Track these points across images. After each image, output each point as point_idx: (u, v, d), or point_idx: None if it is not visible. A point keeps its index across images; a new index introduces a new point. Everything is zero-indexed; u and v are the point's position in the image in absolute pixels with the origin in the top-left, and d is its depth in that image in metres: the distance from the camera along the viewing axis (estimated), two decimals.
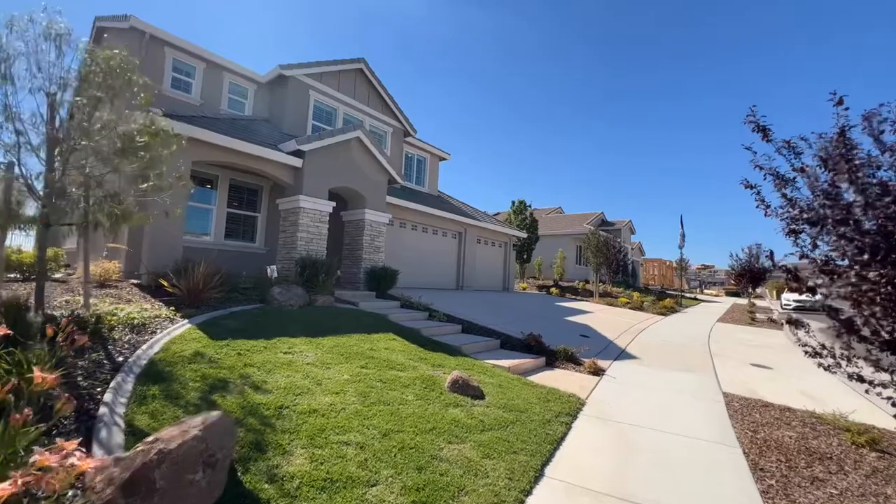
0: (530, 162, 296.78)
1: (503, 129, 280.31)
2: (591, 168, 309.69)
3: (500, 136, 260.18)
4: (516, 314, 10.96)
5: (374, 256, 10.76)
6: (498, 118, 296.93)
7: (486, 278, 17.88)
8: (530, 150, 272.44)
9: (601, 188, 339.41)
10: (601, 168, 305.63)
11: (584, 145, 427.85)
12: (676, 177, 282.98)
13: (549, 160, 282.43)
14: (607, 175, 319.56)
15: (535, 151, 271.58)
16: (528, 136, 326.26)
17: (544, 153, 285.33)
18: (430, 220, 14.54)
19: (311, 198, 9.15)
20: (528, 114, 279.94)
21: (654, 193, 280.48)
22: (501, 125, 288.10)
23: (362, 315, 7.33)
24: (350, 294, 9.29)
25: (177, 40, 10.13)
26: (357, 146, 10.26)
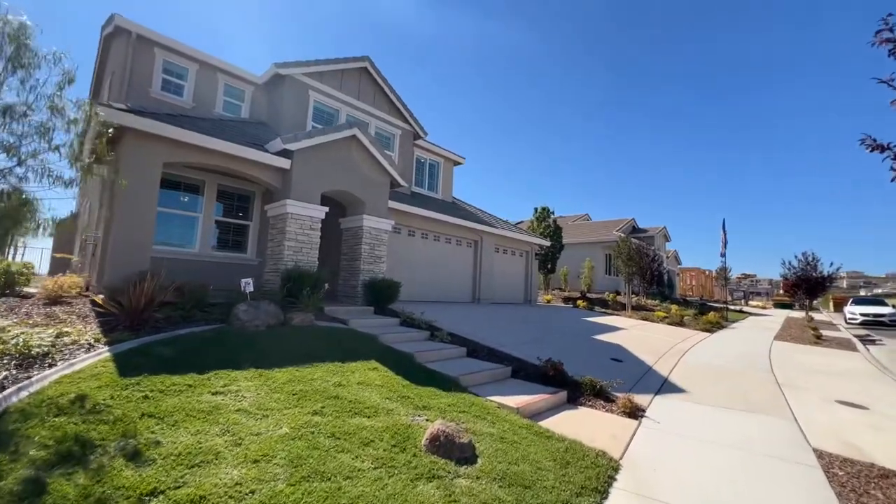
0: (554, 171, 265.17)
1: (526, 137, 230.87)
2: (620, 177, 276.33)
3: (523, 145, 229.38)
4: (536, 332, 9.57)
5: (375, 267, 9.69)
6: (519, 125, 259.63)
7: (506, 290, 16.50)
8: (553, 158, 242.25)
9: (629, 196, 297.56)
10: (630, 177, 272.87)
11: (616, 153, 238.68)
12: (709, 182, 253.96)
13: (574, 169, 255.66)
14: (636, 182, 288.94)
15: (559, 160, 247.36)
16: (551, 143, 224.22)
17: (570, 162, 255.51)
18: (442, 227, 13.41)
19: (299, 202, 8.21)
20: (554, 123, 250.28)
21: (687, 198, 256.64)
22: (524, 133, 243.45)
23: (346, 337, 6.21)
24: (344, 310, 8.22)
25: (167, 41, 9.59)
26: (354, 146, 9.31)
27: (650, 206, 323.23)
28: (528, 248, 17.80)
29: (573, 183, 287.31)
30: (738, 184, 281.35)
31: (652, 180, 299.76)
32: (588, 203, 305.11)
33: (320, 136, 8.50)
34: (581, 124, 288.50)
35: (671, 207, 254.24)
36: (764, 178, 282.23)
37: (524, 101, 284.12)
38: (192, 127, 7.25)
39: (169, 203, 8.54)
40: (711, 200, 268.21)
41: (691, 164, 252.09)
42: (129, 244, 6.70)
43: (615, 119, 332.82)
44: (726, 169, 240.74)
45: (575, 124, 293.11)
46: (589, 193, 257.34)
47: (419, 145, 15.12)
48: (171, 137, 6.89)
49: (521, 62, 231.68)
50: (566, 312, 15.15)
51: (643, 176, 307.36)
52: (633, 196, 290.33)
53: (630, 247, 18.91)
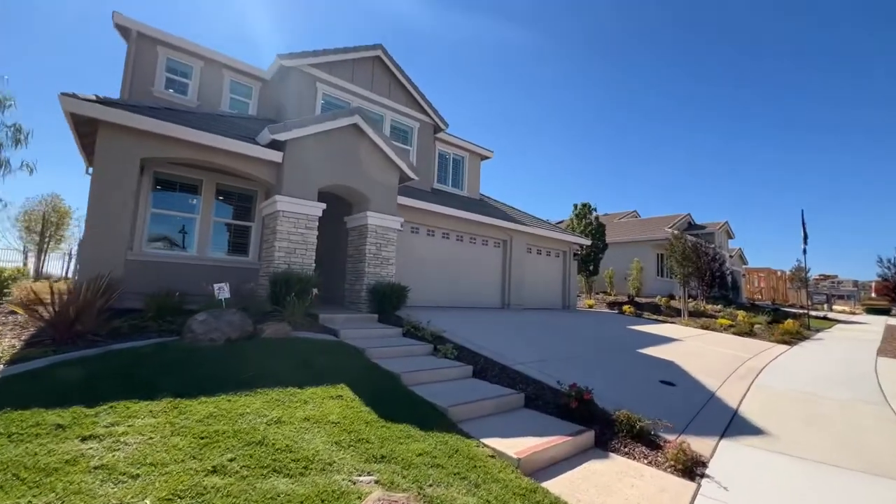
0: (601, 167, 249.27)
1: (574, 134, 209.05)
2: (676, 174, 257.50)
3: (569, 142, 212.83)
4: (568, 344, 8.11)
5: (382, 270, 8.72)
6: (558, 121, 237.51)
7: (540, 294, 14.97)
8: (603, 154, 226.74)
9: (688, 192, 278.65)
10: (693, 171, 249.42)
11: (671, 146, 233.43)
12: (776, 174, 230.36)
13: (623, 165, 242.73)
14: (695, 178, 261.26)
15: (608, 155, 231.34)
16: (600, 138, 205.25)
17: (619, 157, 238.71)
18: (466, 226, 12.24)
19: (292, 199, 7.42)
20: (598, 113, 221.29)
21: (750, 192, 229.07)
22: (571, 129, 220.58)
23: (325, 352, 5.22)
24: (343, 318, 7.31)
25: (170, 38, 9.29)
26: (354, 135, 8.42)
27: (710, 202, 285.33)
28: (565, 248, 16.14)
29: (624, 182, 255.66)
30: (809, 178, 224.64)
31: (713, 173, 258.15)
32: (638, 203, 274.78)
33: (315, 124, 7.68)
34: (632, 121, 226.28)
35: (734, 204, 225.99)
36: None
37: (570, 96, 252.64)
38: (174, 119, 6.67)
39: (164, 203, 8.11)
40: (782, 196, 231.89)
41: (756, 159, 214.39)
42: (100, 246, 6.16)
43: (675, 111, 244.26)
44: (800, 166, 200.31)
45: (623, 118, 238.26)
46: (641, 193, 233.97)
47: (441, 139, 14.09)
48: (147, 130, 6.33)
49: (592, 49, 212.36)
50: (609, 320, 13.35)
51: (702, 170, 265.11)
52: (691, 192, 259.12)
53: (685, 244, 16.61)
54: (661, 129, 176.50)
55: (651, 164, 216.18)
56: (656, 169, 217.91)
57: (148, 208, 7.81)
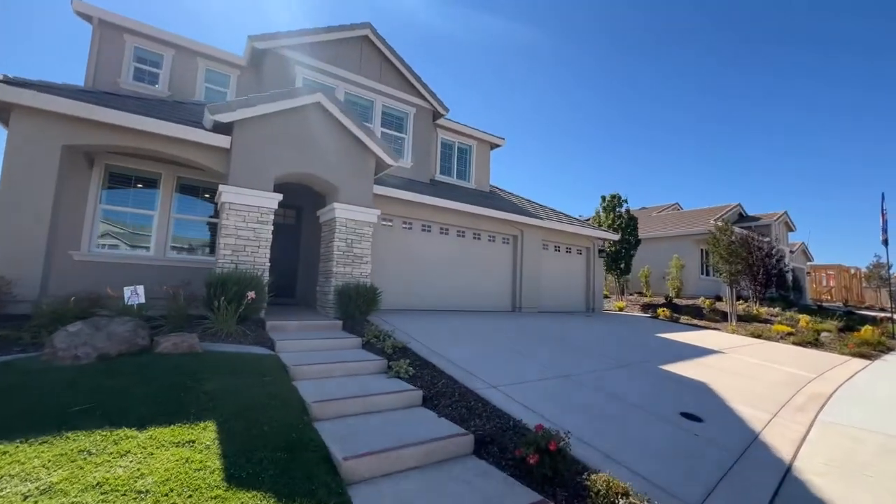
0: (637, 160, 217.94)
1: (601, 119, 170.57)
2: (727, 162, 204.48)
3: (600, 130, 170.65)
4: (572, 358, 6.63)
5: (354, 269, 7.64)
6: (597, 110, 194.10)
7: (559, 296, 13.36)
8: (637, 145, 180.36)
9: (742, 185, 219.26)
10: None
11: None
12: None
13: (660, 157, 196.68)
14: (748, 166, 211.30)
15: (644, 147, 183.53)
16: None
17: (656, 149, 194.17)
18: (467, 220, 10.96)
19: (239, 189, 6.51)
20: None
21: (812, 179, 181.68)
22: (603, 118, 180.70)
23: (227, 371, 4.15)
24: (296, 325, 6.30)
25: (137, 25, 8.75)
26: (318, 116, 7.39)
27: (768, 191, 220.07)
28: (588, 244, 14.39)
29: (672, 175, 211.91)
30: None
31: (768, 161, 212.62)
32: (683, 195, 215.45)
33: (267, 103, 6.72)
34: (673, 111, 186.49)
35: (798, 193, 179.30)
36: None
37: (612, 80, 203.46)
38: (102, 102, 5.94)
39: (118, 200, 7.48)
40: (853, 182, 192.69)
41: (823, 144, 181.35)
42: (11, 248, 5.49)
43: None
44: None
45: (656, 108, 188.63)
46: (690, 188, 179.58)
47: (444, 126, 12.89)
48: (68, 114, 5.61)
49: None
50: (637, 325, 11.53)
51: (757, 158, 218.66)
52: (746, 184, 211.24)
53: (731, 237, 14.31)
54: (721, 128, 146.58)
55: (703, 159, 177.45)
56: (706, 161, 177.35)
57: (98, 204, 7.21)
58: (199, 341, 4.87)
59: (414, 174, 11.44)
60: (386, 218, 9.82)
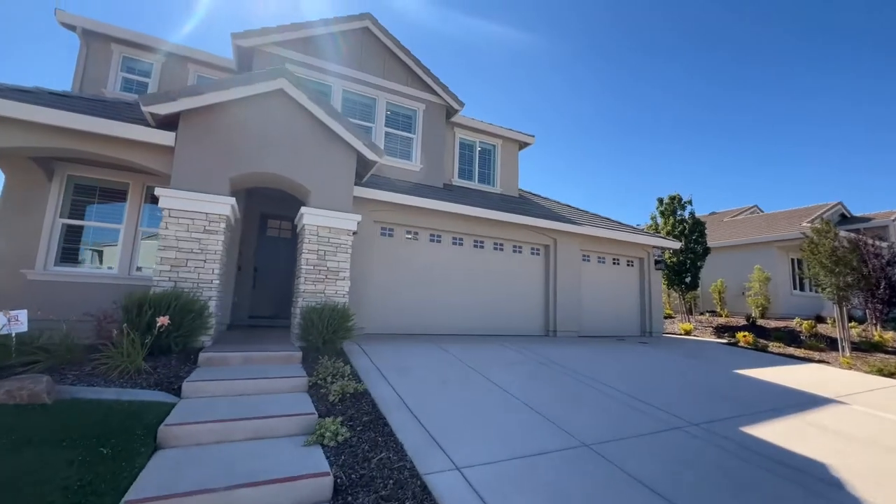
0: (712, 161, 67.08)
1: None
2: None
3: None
4: (604, 413, 4.64)
5: (328, 287, 6.27)
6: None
7: (605, 317, 11.09)
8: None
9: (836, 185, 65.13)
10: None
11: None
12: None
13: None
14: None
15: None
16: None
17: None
18: (486, 227, 9.32)
19: (181, 192, 5.46)
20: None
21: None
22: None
23: (31, 444, 2.87)
24: (240, 358, 5.00)
25: (123, 33, 8.38)
26: (283, 105, 6.26)
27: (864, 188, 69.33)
28: (641, 254, 11.99)
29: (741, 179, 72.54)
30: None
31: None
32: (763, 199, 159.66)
33: (217, 91, 5.68)
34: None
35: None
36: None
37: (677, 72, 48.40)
38: (21, 98, 5.22)
39: (80, 213, 6.84)
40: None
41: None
42: None
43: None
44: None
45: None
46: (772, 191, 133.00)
47: (463, 124, 11.45)
48: None
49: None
50: (710, 356, 8.94)
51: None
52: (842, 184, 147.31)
53: (836, 241, 11.12)
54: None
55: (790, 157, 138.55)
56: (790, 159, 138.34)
57: (57, 219, 6.59)
58: (72, 383, 3.71)
59: (424, 178, 10.05)
60: (385, 227, 8.48)
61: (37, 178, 6.45)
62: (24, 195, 6.39)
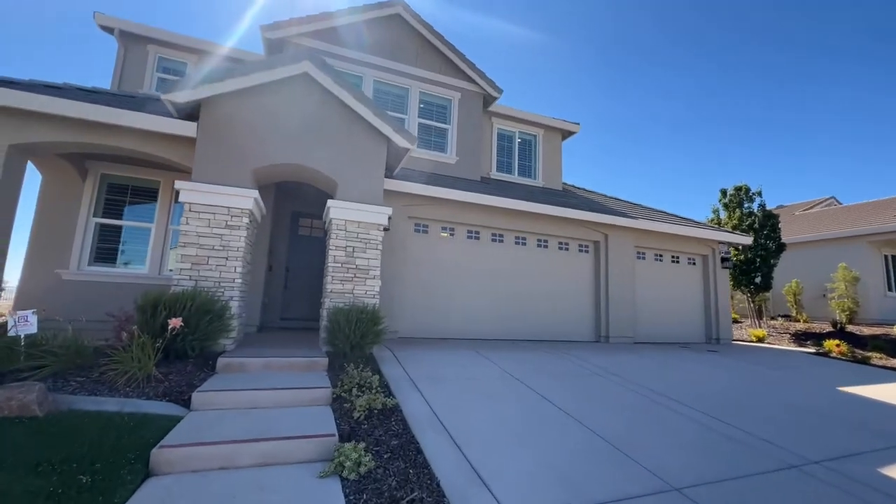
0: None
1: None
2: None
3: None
4: (680, 450, 3.74)
5: (357, 287, 5.74)
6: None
7: (663, 321, 9.91)
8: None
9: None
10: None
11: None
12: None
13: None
14: None
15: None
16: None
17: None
18: (528, 222, 8.52)
19: (202, 185, 5.12)
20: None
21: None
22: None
23: (3, 468, 2.46)
24: (261, 365, 4.55)
25: (158, 33, 8.38)
26: (307, 90, 5.81)
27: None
28: (705, 251, 10.67)
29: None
30: None
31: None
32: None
33: (237, 78, 5.31)
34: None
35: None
36: None
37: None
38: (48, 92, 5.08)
39: (111, 212, 6.76)
40: None
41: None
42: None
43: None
44: None
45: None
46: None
47: (501, 113, 10.70)
48: (6, 106, 4.79)
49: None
50: (798, 369, 7.58)
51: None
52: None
53: None
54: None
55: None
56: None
57: (90, 218, 6.52)
58: (73, 391, 3.35)
59: (460, 171, 9.40)
60: (418, 223, 7.89)
61: (71, 178, 6.41)
62: (60, 195, 6.36)
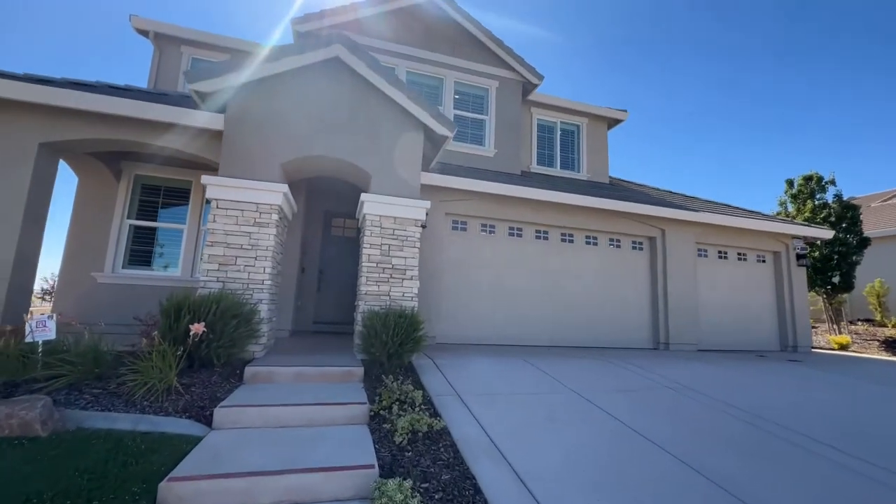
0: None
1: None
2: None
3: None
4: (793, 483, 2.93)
5: (394, 288, 5.23)
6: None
7: (730, 326, 8.84)
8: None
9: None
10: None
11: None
12: None
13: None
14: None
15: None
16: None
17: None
18: (577, 217, 7.79)
19: (228, 181, 4.78)
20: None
21: None
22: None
23: None
24: (293, 375, 4.13)
25: (191, 33, 8.30)
26: (338, 76, 5.38)
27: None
28: (777, 247, 9.48)
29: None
30: None
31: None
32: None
33: (265, 63, 4.98)
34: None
35: None
36: None
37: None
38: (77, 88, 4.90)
39: (144, 213, 6.63)
40: None
41: None
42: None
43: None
44: None
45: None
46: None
47: (540, 102, 10.00)
48: (31, 101, 4.63)
49: None
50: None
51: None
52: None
53: None
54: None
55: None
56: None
57: (124, 220, 6.40)
58: (85, 406, 3.00)
59: (499, 164, 8.77)
60: (456, 219, 7.33)
61: (106, 179, 6.32)
62: (95, 196, 6.28)
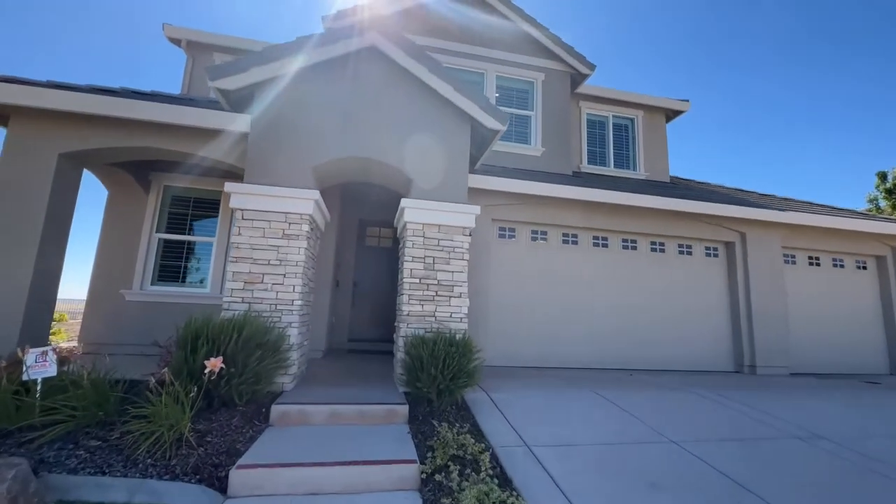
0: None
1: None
2: None
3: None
4: None
5: (440, 308, 4.49)
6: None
7: (826, 345, 7.52)
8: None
9: None
10: None
11: None
12: None
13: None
14: None
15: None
16: None
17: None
18: (641, 221, 6.81)
19: (254, 187, 4.23)
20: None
21: None
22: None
23: None
24: (324, 415, 3.47)
25: (221, 39, 8.03)
26: (375, 68, 4.76)
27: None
28: (880, 251, 8.04)
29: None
30: None
31: None
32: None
33: (294, 55, 4.40)
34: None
35: None
36: None
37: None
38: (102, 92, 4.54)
39: (174, 227, 6.27)
40: None
41: None
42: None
43: None
44: None
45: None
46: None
47: (590, 95, 9.10)
48: (50, 108, 4.28)
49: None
50: None
51: None
52: None
53: None
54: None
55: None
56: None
57: (153, 234, 6.07)
58: (75, 467, 2.43)
59: (547, 164, 7.92)
60: (504, 226, 6.55)
61: (135, 191, 6.02)
62: (124, 209, 5.99)
